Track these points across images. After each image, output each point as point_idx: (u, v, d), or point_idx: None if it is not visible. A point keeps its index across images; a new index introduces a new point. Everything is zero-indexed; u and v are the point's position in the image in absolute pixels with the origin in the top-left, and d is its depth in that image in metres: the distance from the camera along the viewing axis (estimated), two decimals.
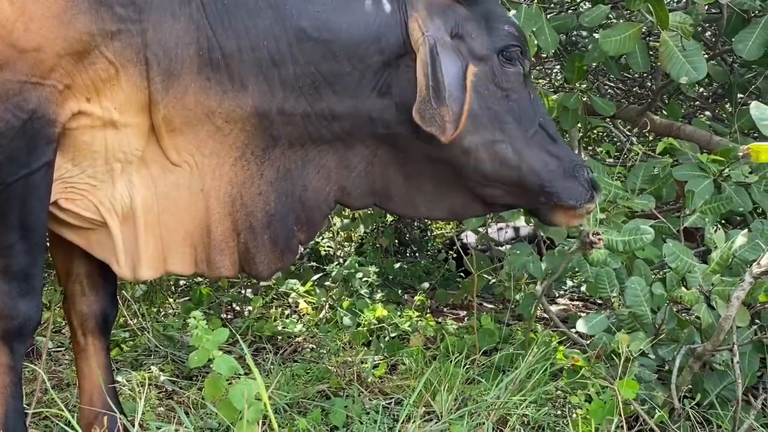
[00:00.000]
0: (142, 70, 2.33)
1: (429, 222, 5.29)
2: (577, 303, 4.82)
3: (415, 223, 5.08)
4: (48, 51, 2.23)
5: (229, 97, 2.46)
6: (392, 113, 2.59)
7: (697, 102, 4.36)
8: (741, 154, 2.47)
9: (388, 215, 4.53)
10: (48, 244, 2.79)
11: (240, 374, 2.28)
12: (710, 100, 4.37)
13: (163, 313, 4.20)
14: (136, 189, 2.50)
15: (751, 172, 3.06)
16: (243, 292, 4.29)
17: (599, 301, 4.52)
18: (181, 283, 4.45)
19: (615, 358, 2.63)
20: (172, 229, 2.57)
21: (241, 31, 2.43)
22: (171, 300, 4.28)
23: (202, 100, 2.43)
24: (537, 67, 4.39)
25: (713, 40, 3.76)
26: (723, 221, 3.56)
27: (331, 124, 2.58)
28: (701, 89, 4.31)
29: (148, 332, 3.75)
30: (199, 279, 4.28)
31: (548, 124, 2.70)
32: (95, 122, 2.36)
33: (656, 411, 2.66)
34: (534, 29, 3.19)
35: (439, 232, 5.47)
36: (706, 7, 3.35)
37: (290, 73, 2.49)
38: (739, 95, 3.72)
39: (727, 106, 3.97)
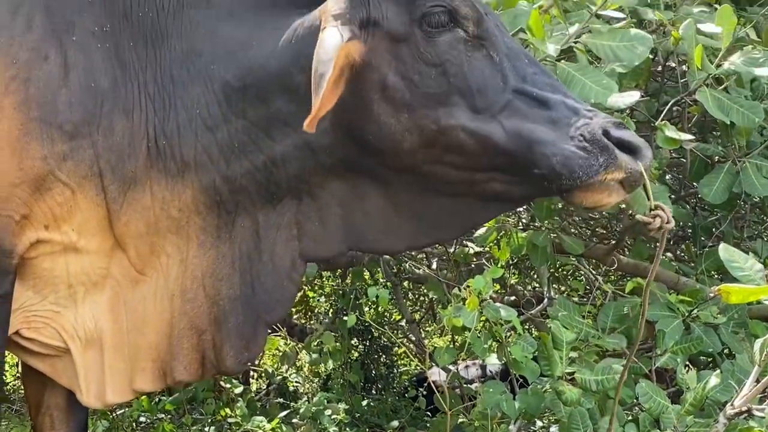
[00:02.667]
0: (97, 183, 2.30)
1: (395, 358, 5.26)
2: None
3: (382, 359, 5.04)
4: (3, 181, 2.22)
5: (177, 181, 2.40)
6: (329, 135, 2.35)
7: (658, 243, 4.44)
8: (711, 295, 2.51)
9: (354, 351, 4.46)
10: (21, 374, 2.73)
11: None
12: (672, 242, 4.45)
13: None
14: (101, 310, 2.45)
15: (719, 313, 3.09)
16: (207, 429, 4.18)
17: None
18: (142, 420, 4.33)
19: None
20: (137, 347, 2.50)
21: (178, 107, 2.37)
22: None
23: (157, 194, 2.38)
24: None
25: (676, 183, 3.88)
26: (689, 362, 3.58)
27: (277, 173, 2.40)
28: None
29: None
30: (161, 415, 4.17)
31: (535, 85, 2.27)
32: (55, 248, 2.33)
33: None
34: None
35: (405, 369, 5.42)
36: (670, 152, 3.45)
37: (225, 135, 2.39)
38: (702, 237, 3.81)
39: (691, 246, 4.05)
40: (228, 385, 4.04)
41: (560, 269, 4.97)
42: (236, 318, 2.50)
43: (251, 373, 4.73)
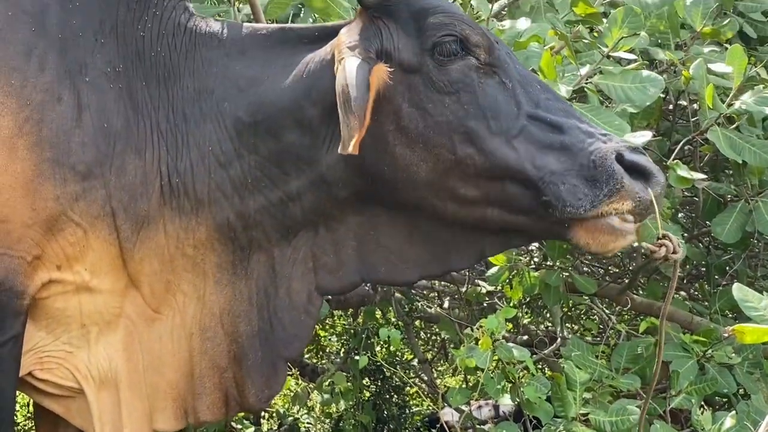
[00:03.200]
0: (109, 223, 2.31)
1: (408, 398, 5.22)
2: None
3: (394, 399, 5.00)
4: (16, 222, 2.22)
5: (191, 219, 2.40)
6: (343, 168, 2.36)
7: None
8: (726, 335, 2.49)
9: (366, 391, 4.43)
10: (33, 415, 2.71)
11: None
12: (685, 281, 4.43)
13: None
14: (116, 350, 2.44)
15: (734, 353, 3.07)
16: None
17: None
18: None
19: None
20: (156, 386, 2.48)
21: (191, 145, 2.38)
22: None
23: (171, 232, 2.38)
24: None
25: (688, 222, 3.87)
26: (704, 403, 3.54)
27: (293, 208, 2.41)
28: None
29: None
30: None
31: (549, 111, 2.26)
32: (67, 288, 2.33)
33: None
34: None
35: (417, 409, 5.38)
36: (683, 191, 3.45)
37: (238, 171, 2.40)
38: (716, 276, 3.79)
39: (704, 285, 4.04)
40: (239, 426, 4.01)
41: (573, 308, 4.95)
42: (255, 355, 2.50)
43: (262, 413, 4.70)
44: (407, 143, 2.30)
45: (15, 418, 2.82)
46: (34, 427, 3.72)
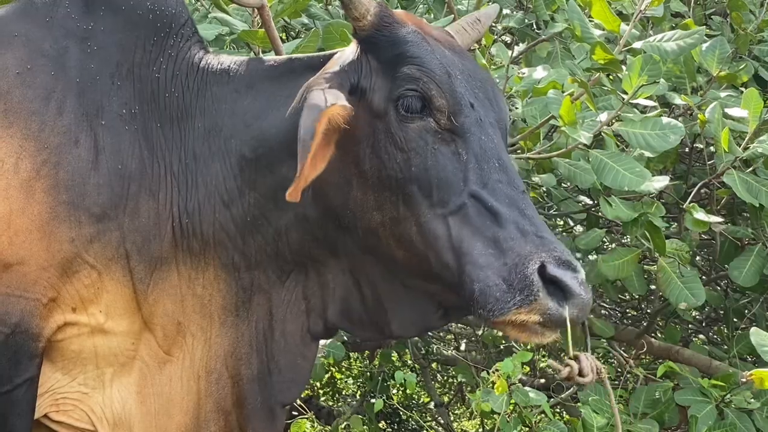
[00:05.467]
0: (123, 265, 2.31)
1: None
2: None
3: None
4: (32, 264, 2.24)
5: (200, 259, 2.38)
6: (314, 205, 2.28)
7: (691, 325, 4.39)
8: (744, 380, 2.47)
9: None
10: None
11: None
12: (704, 324, 4.41)
13: None
14: (130, 392, 2.44)
15: (753, 398, 3.05)
16: None
17: None
18: None
19: None
20: (166, 429, 2.46)
21: (199, 184, 2.36)
22: None
23: (183, 273, 2.37)
24: None
25: (705, 265, 3.86)
26: None
27: (282, 245, 2.33)
28: (695, 313, 4.37)
29: None
30: None
31: (494, 194, 2.09)
32: (83, 330, 2.34)
33: None
34: None
35: None
36: (700, 234, 3.45)
37: (240, 210, 2.35)
38: (735, 319, 3.78)
39: (723, 329, 4.02)
40: None
41: (591, 352, 4.90)
42: (255, 399, 2.46)
43: None
44: (365, 189, 2.22)
45: None
46: None
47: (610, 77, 3.05)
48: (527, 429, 3.14)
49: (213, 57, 2.46)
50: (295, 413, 3.67)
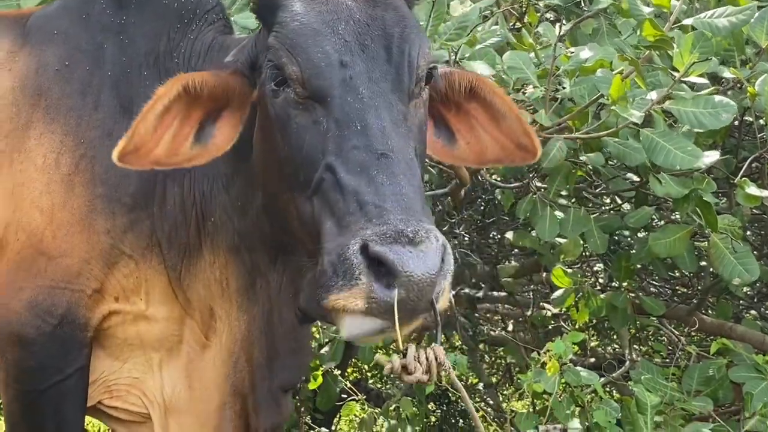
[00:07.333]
0: (157, 253, 2.40)
1: (473, 423, 5.22)
2: None
3: (460, 423, 5.04)
4: (74, 256, 2.34)
5: (215, 242, 2.43)
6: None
7: (742, 301, 4.39)
8: None
9: (432, 416, 4.44)
10: None
11: None
12: (755, 299, 4.39)
13: None
14: (179, 377, 2.53)
15: None
16: None
17: None
18: None
19: None
20: (207, 412, 2.54)
21: (207, 169, 2.34)
22: None
23: (206, 257, 2.43)
24: (582, 266, 4.46)
25: (756, 240, 3.85)
26: None
27: (263, 228, 2.28)
28: (746, 289, 4.35)
29: None
30: None
31: (346, 162, 1.88)
32: (126, 318, 2.44)
33: None
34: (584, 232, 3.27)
35: None
36: (751, 209, 3.43)
37: (234, 193, 2.35)
38: None
39: None
40: None
41: (641, 330, 4.93)
42: (263, 383, 2.49)
43: None
44: (269, 173, 2.16)
45: None
46: None
47: (658, 54, 3.03)
48: (579, 409, 3.17)
49: (223, 38, 2.45)
50: (345, 396, 3.71)
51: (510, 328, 5.09)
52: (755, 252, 3.69)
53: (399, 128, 1.94)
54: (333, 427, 4.91)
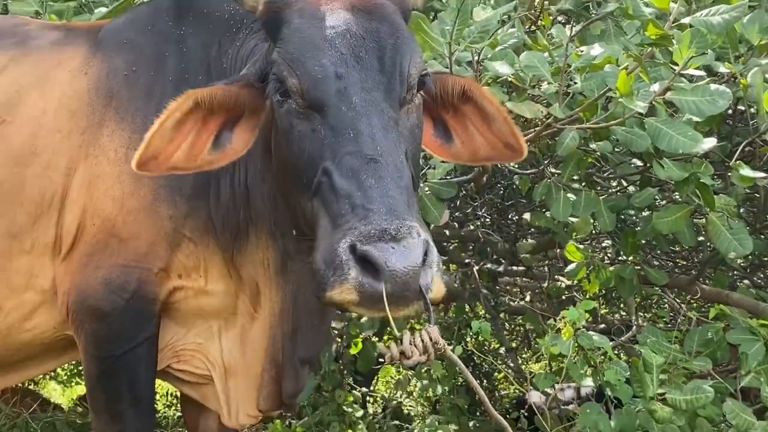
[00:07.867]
0: (213, 236, 2.57)
1: (496, 383, 5.42)
2: None
3: (485, 383, 5.22)
4: (143, 239, 2.53)
5: (257, 227, 2.60)
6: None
7: (736, 272, 4.52)
8: None
9: (460, 377, 4.63)
10: (180, 403, 3.06)
11: None
12: (748, 270, 4.52)
13: None
14: (234, 344, 2.73)
15: None
16: None
17: None
18: None
19: None
20: (256, 375, 2.74)
21: (249, 162, 2.53)
22: None
23: (252, 239, 2.61)
24: (592, 243, 4.61)
25: (750, 216, 4.00)
26: None
27: (292, 218, 2.37)
28: (740, 261, 4.48)
29: None
30: None
31: (339, 167, 2.00)
32: (188, 293, 2.64)
33: None
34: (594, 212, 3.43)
35: (505, 393, 5.60)
36: (745, 189, 3.56)
37: (268, 186, 2.50)
38: None
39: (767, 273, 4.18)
40: (350, 410, 4.30)
41: (646, 299, 5.06)
42: (289, 354, 2.70)
43: (368, 398, 4.99)
44: (276, 167, 2.34)
45: (156, 406, 3.17)
46: (172, 416, 4.08)
47: (660, 50, 3.17)
48: (592, 369, 3.29)
49: (262, 45, 2.50)
50: (382, 360, 3.76)
51: (528, 298, 5.22)
52: (748, 228, 3.80)
53: (390, 134, 2.06)
54: (372, 387, 5.10)
